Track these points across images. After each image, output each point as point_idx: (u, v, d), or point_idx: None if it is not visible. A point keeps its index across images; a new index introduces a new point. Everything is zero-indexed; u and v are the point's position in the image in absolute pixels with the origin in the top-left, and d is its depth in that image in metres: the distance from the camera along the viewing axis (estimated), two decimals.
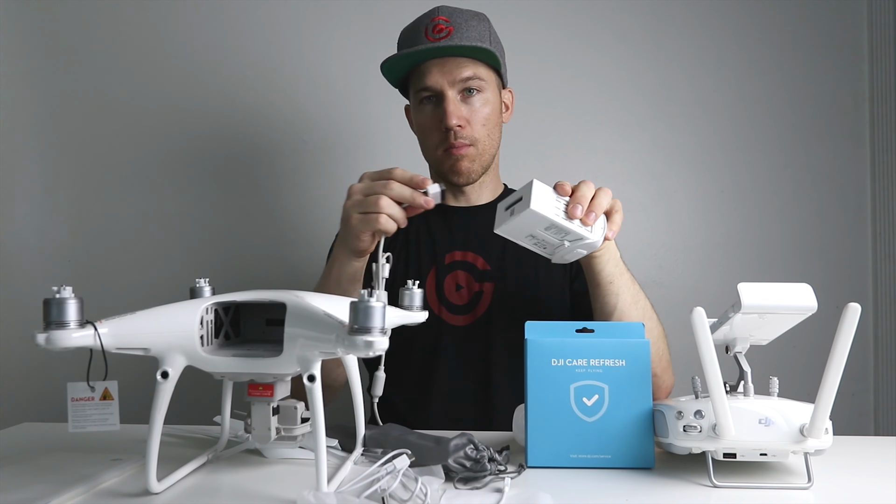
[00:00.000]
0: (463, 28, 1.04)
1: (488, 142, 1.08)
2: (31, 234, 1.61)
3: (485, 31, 1.07)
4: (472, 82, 1.04)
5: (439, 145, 1.07)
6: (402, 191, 0.84)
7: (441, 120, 1.04)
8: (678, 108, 1.60)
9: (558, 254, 0.83)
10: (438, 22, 1.04)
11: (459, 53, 1.04)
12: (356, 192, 0.86)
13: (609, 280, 0.93)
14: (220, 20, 1.59)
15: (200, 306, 0.61)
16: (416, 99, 1.08)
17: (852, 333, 0.58)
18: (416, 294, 0.79)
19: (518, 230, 0.79)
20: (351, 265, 0.92)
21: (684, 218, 1.60)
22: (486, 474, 0.64)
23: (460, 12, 1.06)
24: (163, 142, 1.59)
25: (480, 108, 1.06)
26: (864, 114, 1.59)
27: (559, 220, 0.77)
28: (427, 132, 1.08)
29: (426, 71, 1.04)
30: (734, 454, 0.64)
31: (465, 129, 1.05)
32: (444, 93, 1.04)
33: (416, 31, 1.06)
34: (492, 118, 1.08)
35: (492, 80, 1.08)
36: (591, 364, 0.70)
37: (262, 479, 0.66)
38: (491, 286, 1.10)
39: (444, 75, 1.03)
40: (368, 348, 0.51)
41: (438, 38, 1.03)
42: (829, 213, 1.59)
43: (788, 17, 1.59)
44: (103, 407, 0.61)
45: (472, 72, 1.04)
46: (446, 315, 1.10)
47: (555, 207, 0.77)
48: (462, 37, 1.03)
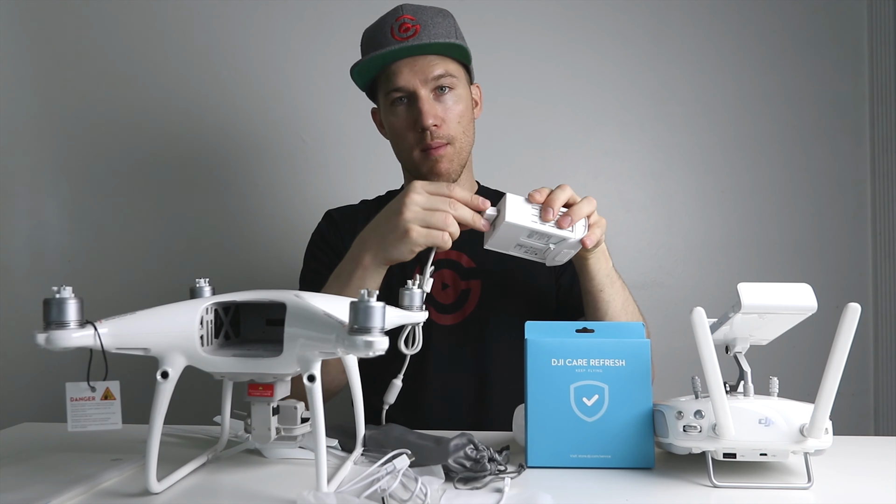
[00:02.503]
0: (429, 25, 1.02)
1: (464, 139, 1.07)
2: (31, 234, 1.61)
3: (451, 28, 1.05)
4: (444, 80, 1.03)
5: (415, 146, 1.05)
6: (465, 213, 0.85)
7: (416, 120, 1.02)
8: (678, 108, 1.60)
9: (549, 257, 0.89)
10: (404, 21, 1.02)
11: (431, 52, 1.02)
12: (416, 205, 0.84)
13: (599, 289, 0.96)
14: (220, 20, 1.59)
15: (200, 306, 0.61)
16: (387, 101, 1.06)
17: (852, 333, 0.58)
18: (416, 294, 0.79)
19: (504, 242, 0.87)
20: (379, 274, 0.90)
21: (684, 218, 1.60)
22: (486, 474, 0.64)
23: (424, 9, 1.04)
24: (163, 142, 1.59)
25: (454, 106, 1.04)
26: (864, 114, 1.59)
27: (536, 226, 0.84)
28: (401, 134, 1.06)
29: (396, 71, 1.02)
30: (734, 454, 0.64)
31: (441, 128, 1.03)
32: (417, 92, 1.02)
33: (381, 31, 1.04)
34: (465, 115, 1.07)
35: (462, 77, 1.07)
36: (591, 364, 0.70)
37: (262, 479, 0.66)
38: (478, 283, 1.10)
39: (416, 74, 1.02)
40: (368, 348, 0.51)
41: (406, 37, 1.01)
42: (829, 213, 1.59)
43: (788, 18, 1.59)
44: (105, 406, 0.61)
45: (443, 69, 1.03)
46: (434, 315, 1.08)
47: (531, 215, 0.84)
48: (430, 34, 1.01)
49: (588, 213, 0.87)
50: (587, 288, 0.97)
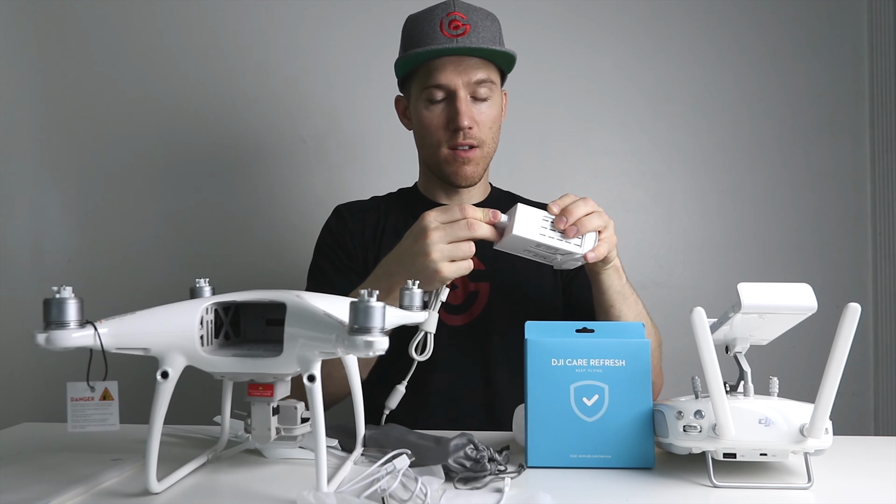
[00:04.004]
0: (480, 27, 1.02)
1: (492, 144, 1.08)
2: (31, 234, 1.61)
3: (496, 32, 1.06)
4: (485, 85, 1.04)
5: (445, 144, 1.06)
6: (484, 230, 0.83)
7: (451, 119, 1.03)
8: (678, 108, 1.60)
9: (556, 263, 0.90)
10: (455, 17, 1.01)
11: (481, 55, 1.03)
12: (439, 242, 0.82)
13: (610, 304, 0.95)
14: (220, 20, 1.59)
15: (200, 306, 0.61)
16: (423, 95, 1.05)
17: (852, 333, 0.58)
18: (416, 294, 0.79)
19: (512, 248, 0.87)
20: None
21: (684, 218, 1.60)
22: (486, 474, 0.64)
23: (475, 10, 1.04)
24: (163, 142, 1.59)
25: (488, 111, 1.05)
26: (864, 114, 1.59)
27: (545, 240, 0.83)
28: (431, 129, 1.06)
29: (440, 67, 1.02)
30: (734, 454, 0.64)
31: (473, 130, 1.04)
32: (458, 92, 1.02)
33: (430, 23, 1.02)
34: (497, 121, 1.08)
35: (498, 83, 1.08)
36: (591, 364, 0.70)
37: (262, 479, 0.66)
38: (486, 286, 1.09)
39: (460, 75, 1.02)
40: (368, 348, 0.51)
41: (456, 35, 1.00)
42: (829, 213, 1.59)
43: (788, 18, 1.59)
44: (103, 407, 0.61)
45: (485, 74, 1.03)
46: (442, 315, 1.08)
47: (540, 227, 0.83)
48: (479, 37, 1.01)
49: (597, 228, 0.85)
50: (598, 300, 0.97)
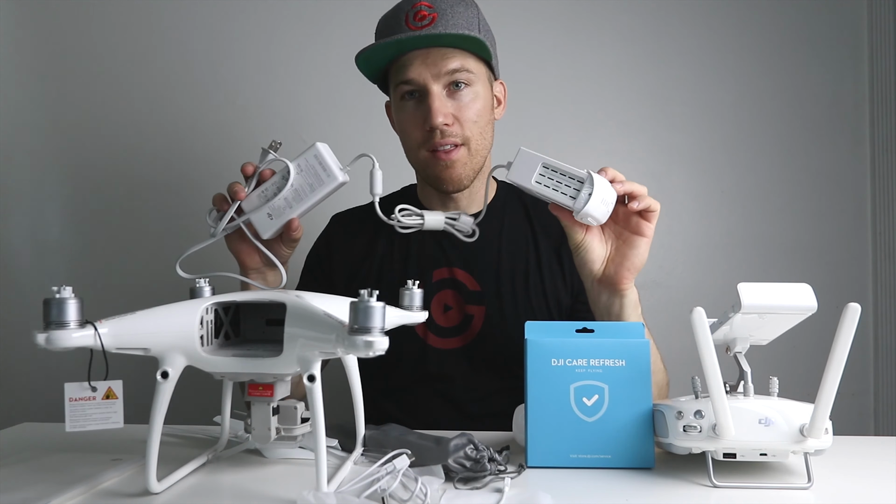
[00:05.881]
0: (448, 14, 0.93)
1: (480, 141, 0.98)
2: (31, 233, 1.61)
3: (473, 18, 0.96)
4: (460, 75, 0.94)
5: (422, 145, 0.97)
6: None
7: (425, 118, 0.94)
8: (678, 108, 1.60)
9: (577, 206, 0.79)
10: (420, 8, 0.93)
11: (445, 43, 0.93)
12: None
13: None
14: (219, 20, 1.58)
15: (200, 306, 0.61)
16: (397, 94, 0.98)
17: (852, 333, 0.58)
18: (416, 294, 0.79)
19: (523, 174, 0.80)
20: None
21: (684, 218, 1.60)
22: (486, 474, 0.64)
23: None
24: (163, 142, 1.59)
25: (469, 104, 0.96)
26: (864, 114, 1.59)
27: (551, 158, 0.79)
28: (408, 131, 0.98)
29: (408, 63, 0.94)
30: (734, 454, 0.64)
31: (453, 127, 0.95)
32: (428, 87, 0.93)
33: (396, 18, 0.95)
34: (483, 114, 0.97)
35: (481, 73, 0.98)
36: (591, 364, 0.70)
37: (262, 479, 0.66)
38: (482, 309, 1.01)
39: (428, 67, 0.93)
40: (368, 348, 0.51)
41: (421, 26, 0.92)
42: (829, 213, 1.59)
43: (788, 18, 1.59)
44: (106, 406, 0.61)
45: (459, 63, 0.94)
46: (433, 339, 1.01)
47: (537, 175, 0.80)
48: (447, 24, 0.92)
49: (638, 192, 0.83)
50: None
